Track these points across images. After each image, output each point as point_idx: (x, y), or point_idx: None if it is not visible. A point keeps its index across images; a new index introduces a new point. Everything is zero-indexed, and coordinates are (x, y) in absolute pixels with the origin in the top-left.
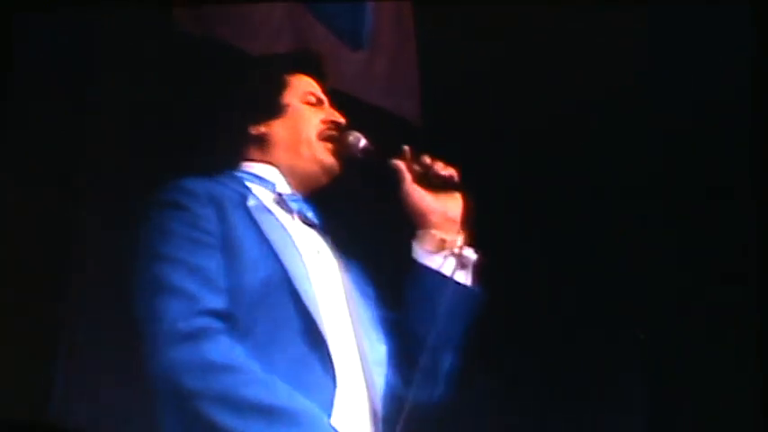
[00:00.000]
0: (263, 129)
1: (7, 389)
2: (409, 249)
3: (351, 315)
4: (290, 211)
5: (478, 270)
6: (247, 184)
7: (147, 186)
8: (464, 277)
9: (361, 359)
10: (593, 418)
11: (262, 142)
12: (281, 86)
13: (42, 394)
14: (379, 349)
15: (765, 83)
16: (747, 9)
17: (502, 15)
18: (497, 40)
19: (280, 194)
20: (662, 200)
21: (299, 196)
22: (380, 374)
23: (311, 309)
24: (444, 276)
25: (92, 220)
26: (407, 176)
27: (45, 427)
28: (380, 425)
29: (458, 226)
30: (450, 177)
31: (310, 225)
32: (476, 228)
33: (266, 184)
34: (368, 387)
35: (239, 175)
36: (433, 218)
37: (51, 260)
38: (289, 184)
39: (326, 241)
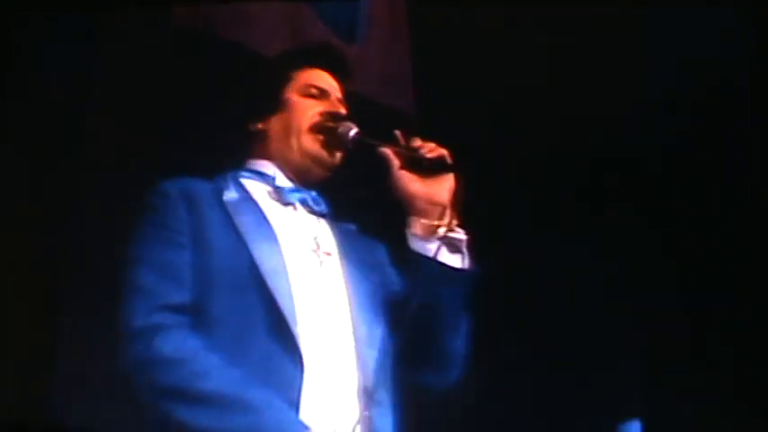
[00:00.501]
0: (260, 125)
1: (6, 389)
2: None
3: (349, 302)
4: (287, 203)
5: (472, 251)
6: (243, 180)
7: (146, 186)
8: (459, 260)
9: (356, 344)
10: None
11: (261, 139)
12: (281, 82)
13: (41, 394)
14: (375, 333)
15: (766, 85)
16: (748, 11)
17: (496, 11)
18: (492, 33)
19: (277, 188)
20: (661, 198)
21: (301, 188)
22: (373, 358)
23: (280, 300)
24: (432, 261)
25: (91, 220)
26: (395, 163)
27: (44, 428)
28: (378, 409)
29: (443, 209)
30: (439, 159)
31: (318, 214)
32: (474, 213)
33: (265, 178)
34: (360, 371)
35: (240, 172)
36: (420, 204)
37: (51, 260)
38: (289, 178)
39: (333, 230)
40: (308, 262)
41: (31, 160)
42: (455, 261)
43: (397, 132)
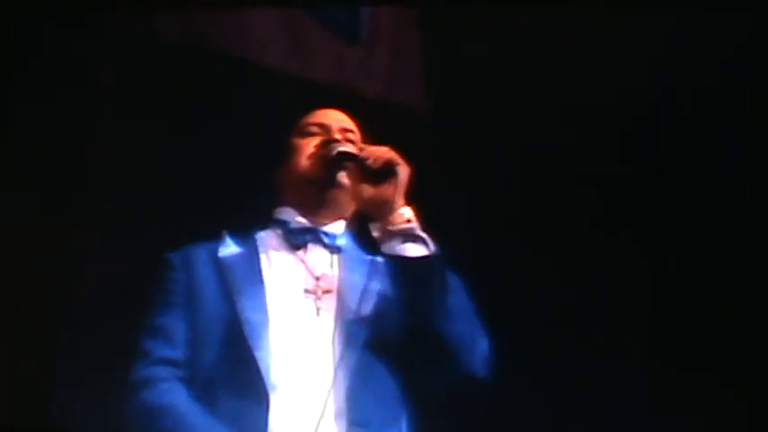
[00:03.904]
0: (277, 175)
1: (6, 393)
2: None
3: (335, 346)
4: (298, 245)
5: (433, 234)
6: (261, 233)
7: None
8: (421, 249)
9: (339, 388)
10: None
11: (279, 187)
12: (288, 131)
13: (41, 399)
14: (362, 379)
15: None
16: (749, 11)
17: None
18: (502, 26)
19: (288, 230)
20: (660, 198)
21: (313, 226)
22: (358, 397)
23: (256, 353)
24: (397, 258)
25: (92, 222)
26: (355, 177)
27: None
28: None
29: (392, 206)
30: (385, 164)
31: (332, 249)
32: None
33: (279, 224)
34: (343, 411)
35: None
36: (372, 208)
37: (51, 263)
38: (306, 217)
39: (346, 262)
40: (297, 309)
41: (32, 160)
42: (418, 251)
43: (355, 146)
